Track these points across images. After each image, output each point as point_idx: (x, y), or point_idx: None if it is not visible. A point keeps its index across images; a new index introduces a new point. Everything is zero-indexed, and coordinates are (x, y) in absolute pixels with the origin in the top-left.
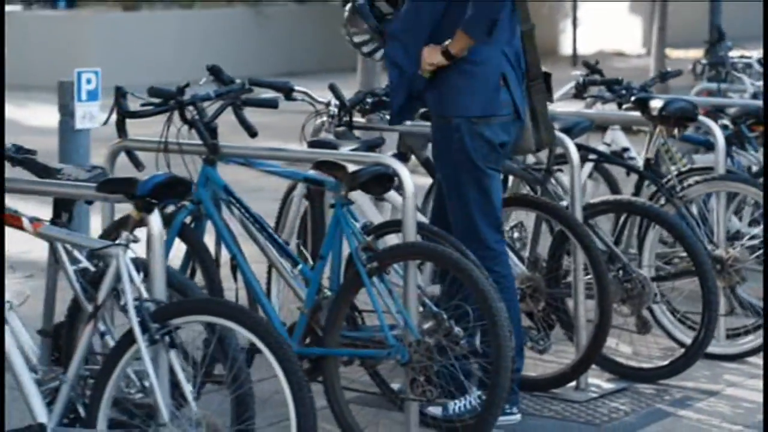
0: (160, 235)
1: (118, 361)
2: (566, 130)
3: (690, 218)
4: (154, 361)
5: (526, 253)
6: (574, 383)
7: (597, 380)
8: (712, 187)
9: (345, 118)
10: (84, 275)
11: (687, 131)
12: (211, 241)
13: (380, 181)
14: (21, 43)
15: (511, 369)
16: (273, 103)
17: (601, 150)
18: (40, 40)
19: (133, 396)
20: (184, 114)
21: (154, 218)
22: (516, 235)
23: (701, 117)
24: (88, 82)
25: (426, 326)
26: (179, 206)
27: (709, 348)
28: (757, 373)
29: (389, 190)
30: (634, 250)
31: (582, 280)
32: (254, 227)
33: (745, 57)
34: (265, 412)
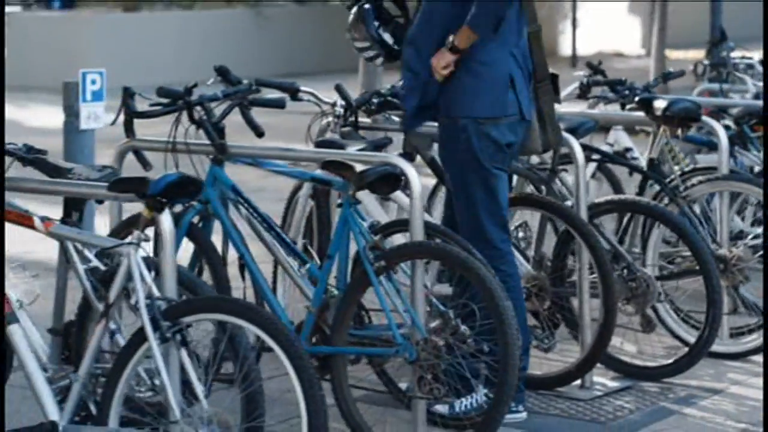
0: (171, 234)
1: (129, 359)
2: (571, 131)
3: (693, 218)
4: (165, 359)
5: (531, 253)
6: (579, 381)
7: (602, 379)
8: (716, 186)
9: (351, 119)
10: (94, 274)
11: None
12: (218, 240)
13: (388, 181)
14: (21, 44)
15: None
16: (280, 104)
17: (604, 150)
18: (41, 41)
19: (143, 394)
20: (192, 114)
21: (165, 217)
22: (521, 234)
23: (704, 117)
24: (93, 82)
25: (433, 325)
26: (187, 206)
27: (713, 347)
28: (761, 372)
29: (396, 190)
30: (637, 250)
31: (587, 279)
32: (262, 227)
33: (746, 57)
34: (273, 411)
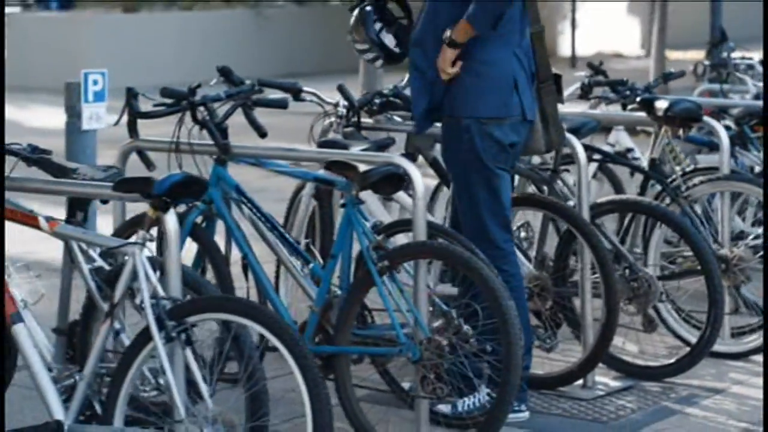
0: (176, 234)
1: (134, 359)
2: (573, 131)
3: (695, 218)
4: (169, 359)
5: (533, 253)
6: (581, 381)
7: (604, 378)
8: (717, 187)
9: (353, 119)
10: (99, 274)
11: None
12: (221, 240)
13: (391, 181)
14: (21, 45)
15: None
16: (283, 104)
17: (606, 150)
18: (41, 42)
19: (147, 393)
20: (196, 114)
21: (170, 217)
22: (523, 234)
23: (706, 118)
24: (95, 83)
25: (435, 325)
26: (190, 206)
27: (714, 346)
28: (762, 372)
29: (400, 190)
30: (638, 250)
31: (589, 279)
32: (265, 226)
33: (746, 58)
34: (277, 410)
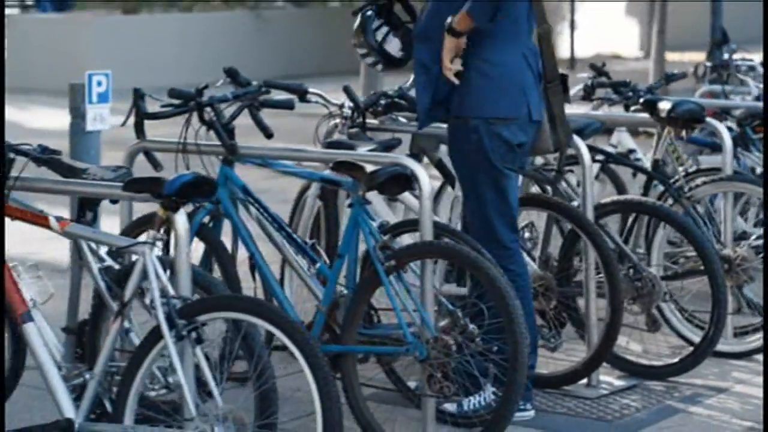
0: (186, 234)
1: (145, 358)
2: (577, 132)
3: (698, 218)
4: (180, 357)
5: (537, 253)
6: (586, 380)
7: (608, 377)
8: (720, 187)
9: (358, 120)
10: (108, 273)
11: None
12: (227, 240)
13: (398, 182)
14: (21, 46)
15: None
16: (289, 105)
17: (609, 151)
18: (41, 44)
19: (156, 392)
20: (203, 115)
21: (180, 217)
22: (527, 234)
23: (709, 119)
24: (99, 84)
25: (441, 324)
26: (198, 206)
27: (717, 346)
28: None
29: (406, 191)
30: (641, 250)
31: (593, 279)
32: (272, 227)
33: (747, 59)
34: (284, 409)
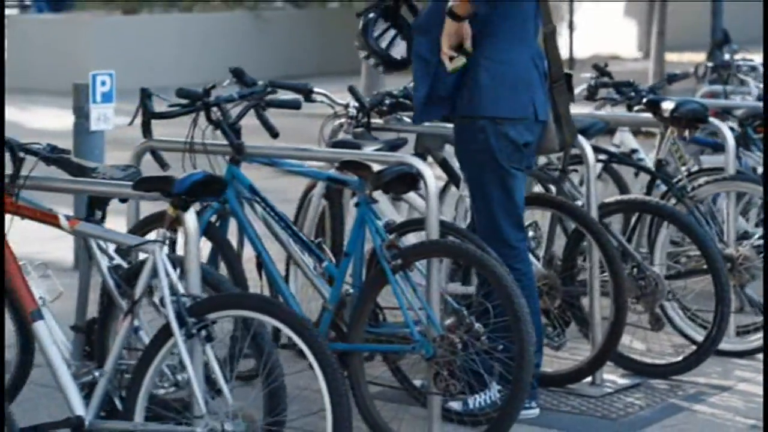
0: (196, 232)
1: (155, 356)
2: (582, 131)
3: (701, 218)
4: (190, 355)
5: (541, 252)
6: (590, 379)
7: (611, 376)
8: (723, 187)
9: (363, 120)
10: (117, 272)
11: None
12: (233, 239)
13: (404, 181)
14: (21, 47)
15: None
16: (296, 105)
17: (612, 151)
18: (41, 44)
19: (165, 390)
20: (210, 115)
21: (190, 216)
22: (531, 234)
23: (711, 119)
24: (103, 84)
25: (447, 323)
26: (205, 205)
27: (720, 345)
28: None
29: (412, 190)
30: (644, 250)
31: (597, 278)
32: (279, 225)
33: (747, 60)
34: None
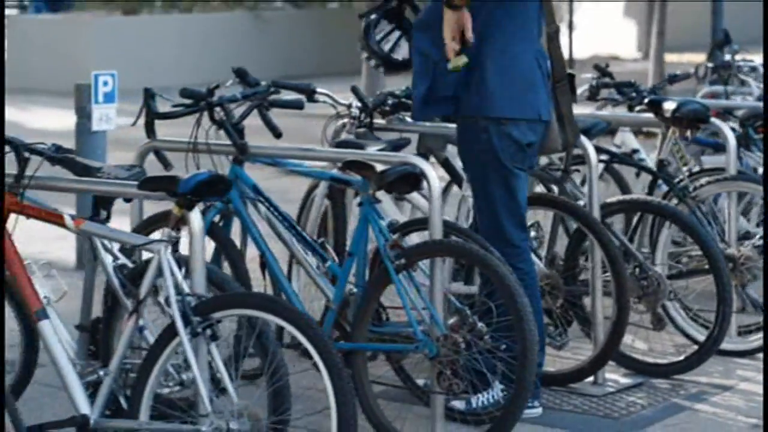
0: (201, 232)
1: (160, 355)
2: (584, 131)
3: (702, 218)
4: (195, 354)
5: (543, 252)
6: (592, 378)
7: (613, 375)
8: (724, 187)
9: (366, 120)
10: (122, 271)
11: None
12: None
13: (408, 181)
14: (21, 47)
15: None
16: (298, 105)
17: (614, 151)
18: (41, 44)
19: (169, 389)
20: (213, 115)
21: (195, 215)
22: (533, 234)
23: (713, 119)
24: (105, 84)
25: (450, 322)
26: (209, 205)
27: (721, 344)
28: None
29: (416, 190)
30: (646, 249)
31: (600, 278)
32: (283, 225)
33: (747, 60)
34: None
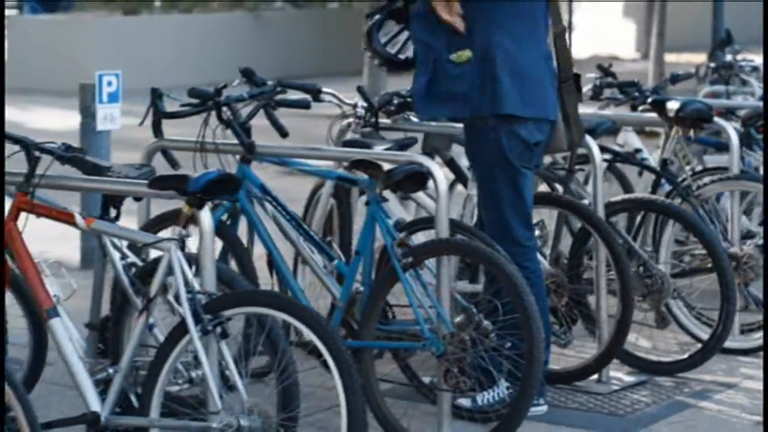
0: (211, 230)
1: (170, 352)
2: (589, 131)
3: (705, 216)
4: (205, 351)
5: (547, 251)
6: (596, 376)
7: (617, 373)
8: (727, 186)
9: (371, 120)
10: (130, 269)
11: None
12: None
13: (414, 180)
14: (21, 47)
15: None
16: (305, 104)
17: (617, 150)
18: (41, 44)
19: (178, 387)
20: (221, 114)
21: (205, 214)
22: (537, 233)
23: (716, 119)
24: (109, 84)
25: (457, 320)
26: (216, 204)
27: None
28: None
29: (422, 189)
30: (649, 248)
31: (604, 276)
32: (290, 224)
33: (748, 60)
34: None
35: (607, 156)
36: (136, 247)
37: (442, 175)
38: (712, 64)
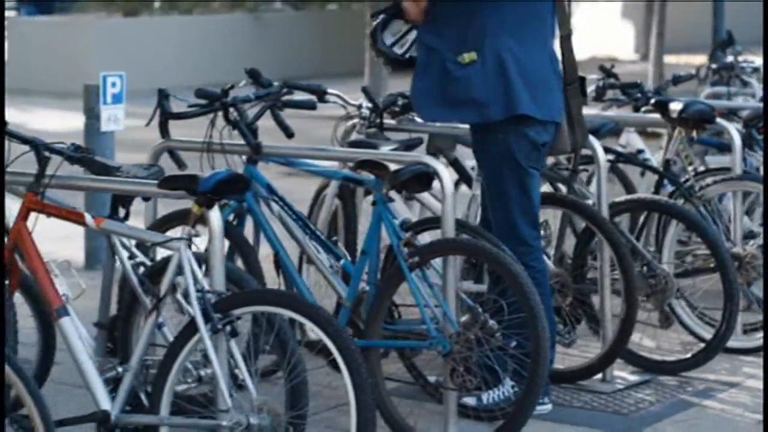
0: (221, 230)
1: (180, 351)
2: (593, 132)
3: (708, 217)
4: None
5: (551, 251)
6: (600, 375)
7: (621, 372)
8: (730, 186)
9: (376, 120)
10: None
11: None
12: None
13: (420, 180)
14: (21, 48)
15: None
16: (311, 105)
17: (620, 151)
18: (42, 46)
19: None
20: (228, 115)
21: (215, 214)
22: (541, 233)
23: (719, 119)
24: (113, 85)
25: (462, 319)
26: (223, 204)
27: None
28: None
29: (428, 189)
30: (652, 248)
31: (608, 276)
32: (296, 224)
33: (749, 61)
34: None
35: (610, 156)
36: (144, 246)
37: (448, 175)
38: (713, 66)
